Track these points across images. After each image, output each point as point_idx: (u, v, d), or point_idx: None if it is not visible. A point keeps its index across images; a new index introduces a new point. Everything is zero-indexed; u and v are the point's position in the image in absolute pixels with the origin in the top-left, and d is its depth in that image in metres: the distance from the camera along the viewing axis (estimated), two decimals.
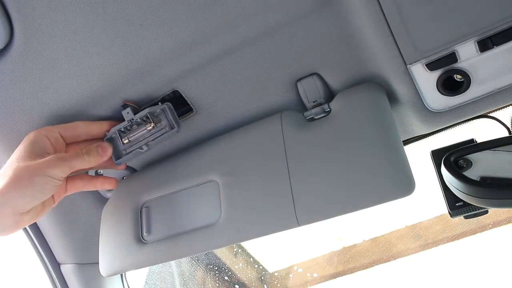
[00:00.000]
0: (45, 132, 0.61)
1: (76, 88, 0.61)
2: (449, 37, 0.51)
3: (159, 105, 0.63)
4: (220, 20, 0.54)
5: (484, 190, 0.55)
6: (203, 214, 0.64)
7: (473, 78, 0.54)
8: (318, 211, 0.56)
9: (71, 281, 0.88)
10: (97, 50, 0.57)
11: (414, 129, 0.67)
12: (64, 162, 0.58)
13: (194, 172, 0.67)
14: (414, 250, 1.59)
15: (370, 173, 0.54)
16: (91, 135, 0.65)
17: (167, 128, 0.63)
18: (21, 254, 0.94)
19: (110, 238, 0.69)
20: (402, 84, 0.58)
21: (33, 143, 0.59)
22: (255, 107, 0.66)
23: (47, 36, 0.55)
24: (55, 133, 0.61)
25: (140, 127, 0.64)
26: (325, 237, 1.72)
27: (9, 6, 0.52)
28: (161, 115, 0.64)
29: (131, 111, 0.63)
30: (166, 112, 0.63)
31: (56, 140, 0.61)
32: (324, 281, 1.72)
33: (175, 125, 0.63)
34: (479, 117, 0.65)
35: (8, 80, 0.59)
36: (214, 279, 1.74)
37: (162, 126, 0.64)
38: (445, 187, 0.62)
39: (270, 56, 0.59)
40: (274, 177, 0.59)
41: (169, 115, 0.63)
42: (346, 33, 0.56)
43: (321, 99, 0.62)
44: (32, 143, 0.59)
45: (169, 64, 0.59)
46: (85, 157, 0.61)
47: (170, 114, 0.63)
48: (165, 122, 0.64)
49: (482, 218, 1.37)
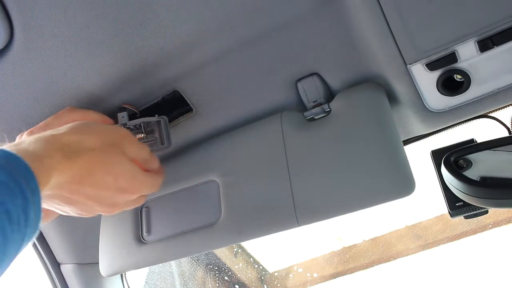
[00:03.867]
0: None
1: (76, 88, 0.61)
2: (449, 37, 0.51)
3: (155, 117, 0.63)
4: (220, 20, 0.54)
5: (484, 190, 0.55)
6: (203, 214, 0.64)
7: (473, 78, 0.54)
8: (318, 211, 0.56)
9: (71, 281, 0.88)
10: (97, 50, 0.57)
11: (414, 129, 0.67)
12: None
13: (194, 172, 0.67)
14: (414, 250, 1.59)
15: (370, 173, 0.54)
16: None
17: (157, 142, 0.62)
18: (21, 254, 0.94)
19: (110, 238, 0.69)
20: (402, 84, 0.58)
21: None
22: (255, 107, 0.66)
23: (47, 36, 0.55)
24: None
25: (132, 133, 0.64)
26: (325, 237, 1.73)
27: (9, 6, 0.52)
28: (155, 127, 0.63)
29: (126, 116, 0.62)
30: (160, 126, 0.63)
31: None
32: (324, 281, 1.72)
33: (165, 141, 0.62)
34: (479, 117, 0.65)
35: (8, 80, 0.59)
36: (214, 279, 1.74)
37: (153, 138, 0.63)
38: (445, 187, 0.62)
39: (270, 56, 0.59)
40: (274, 177, 0.59)
41: (162, 130, 0.63)
42: (346, 33, 0.56)
43: (321, 99, 0.62)
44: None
45: (169, 64, 0.59)
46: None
47: (164, 129, 0.63)
48: (157, 135, 0.63)
49: (482, 218, 1.37)
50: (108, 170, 0.49)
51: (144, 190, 0.55)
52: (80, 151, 0.47)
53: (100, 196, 0.49)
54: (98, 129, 0.51)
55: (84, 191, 0.48)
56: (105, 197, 0.50)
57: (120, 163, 0.51)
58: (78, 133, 0.48)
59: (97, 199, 0.49)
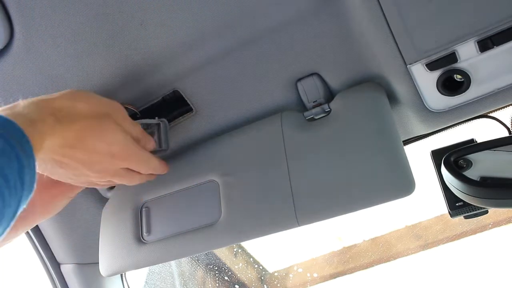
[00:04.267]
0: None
1: (76, 88, 0.61)
2: (449, 37, 0.51)
3: (156, 119, 0.63)
4: (220, 20, 0.54)
5: (484, 190, 0.55)
6: (203, 214, 0.64)
7: (473, 78, 0.54)
8: (318, 211, 0.56)
9: (71, 281, 0.88)
10: (97, 50, 0.57)
11: (414, 129, 0.67)
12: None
13: (194, 172, 0.67)
14: (414, 250, 1.59)
15: (370, 173, 0.54)
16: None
17: (155, 144, 0.62)
18: (21, 254, 0.95)
19: (110, 238, 0.69)
20: (402, 84, 0.58)
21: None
22: (255, 107, 0.66)
23: (47, 36, 0.55)
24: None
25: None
26: (325, 237, 1.73)
27: (9, 6, 0.52)
28: (154, 129, 0.63)
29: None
30: (160, 129, 0.63)
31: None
32: (324, 281, 1.72)
33: (163, 144, 0.63)
34: (479, 117, 0.65)
35: (8, 80, 0.59)
36: (214, 279, 1.74)
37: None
38: (445, 187, 0.62)
39: (270, 56, 0.59)
40: (274, 177, 0.59)
41: (161, 133, 0.63)
42: (346, 33, 0.56)
43: (321, 99, 0.62)
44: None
45: (169, 64, 0.59)
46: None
47: (163, 132, 0.63)
48: (155, 137, 0.63)
49: (482, 218, 1.37)
50: (100, 137, 0.50)
51: (136, 162, 0.55)
52: (72, 116, 0.48)
53: (91, 160, 0.50)
54: (91, 97, 0.52)
55: (75, 155, 0.48)
56: (96, 161, 0.51)
57: (113, 131, 0.51)
58: (70, 99, 0.49)
59: (88, 164, 0.50)
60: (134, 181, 0.58)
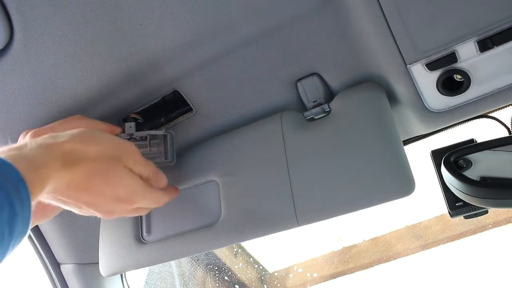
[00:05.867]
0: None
1: (76, 88, 0.61)
2: (449, 37, 0.51)
3: (162, 131, 0.63)
4: (220, 20, 0.54)
5: (484, 190, 0.55)
6: (203, 214, 0.64)
7: (473, 78, 0.54)
8: (318, 211, 0.56)
9: (71, 281, 0.88)
10: (97, 50, 0.57)
11: (414, 129, 0.67)
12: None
13: (194, 172, 0.67)
14: (414, 250, 1.59)
15: (370, 173, 0.54)
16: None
17: (161, 156, 0.63)
18: (21, 254, 0.94)
19: (110, 238, 0.69)
20: (402, 84, 0.58)
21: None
22: (255, 107, 0.66)
23: (47, 36, 0.55)
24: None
25: (137, 144, 0.63)
26: (325, 237, 1.72)
27: (9, 6, 0.52)
28: (161, 140, 0.63)
29: (134, 126, 0.63)
30: (166, 141, 0.63)
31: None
32: (324, 281, 1.72)
33: (169, 157, 0.63)
34: (479, 117, 0.65)
35: (8, 80, 0.59)
36: (214, 279, 1.74)
37: (157, 151, 0.63)
38: (445, 187, 0.62)
39: (270, 56, 0.59)
40: (274, 177, 0.59)
41: (168, 145, 0.63)
42: (346, 33, 0.56)
43: (321, 99, 0.62)
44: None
45: (169, 64, 0.59)
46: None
47: (169, 144, 0.63)
48: (162, 148, 0.63)
49: (482, 218, 1.37)
50: (107, 180, 0.49)
51: (144, 203, 0.54)
52: (80, 160, 0.46)
53: (96, 202, 0.49)
54: (102, 139, 0.50)
55: (80, 197, 0.47)
56: (101, 204, 0.50)
57: (120, 175, 0.50)
58: (80, 141, 0.48)
59: (93, 205, 0.49)
60: (142, 213, 0.58)
